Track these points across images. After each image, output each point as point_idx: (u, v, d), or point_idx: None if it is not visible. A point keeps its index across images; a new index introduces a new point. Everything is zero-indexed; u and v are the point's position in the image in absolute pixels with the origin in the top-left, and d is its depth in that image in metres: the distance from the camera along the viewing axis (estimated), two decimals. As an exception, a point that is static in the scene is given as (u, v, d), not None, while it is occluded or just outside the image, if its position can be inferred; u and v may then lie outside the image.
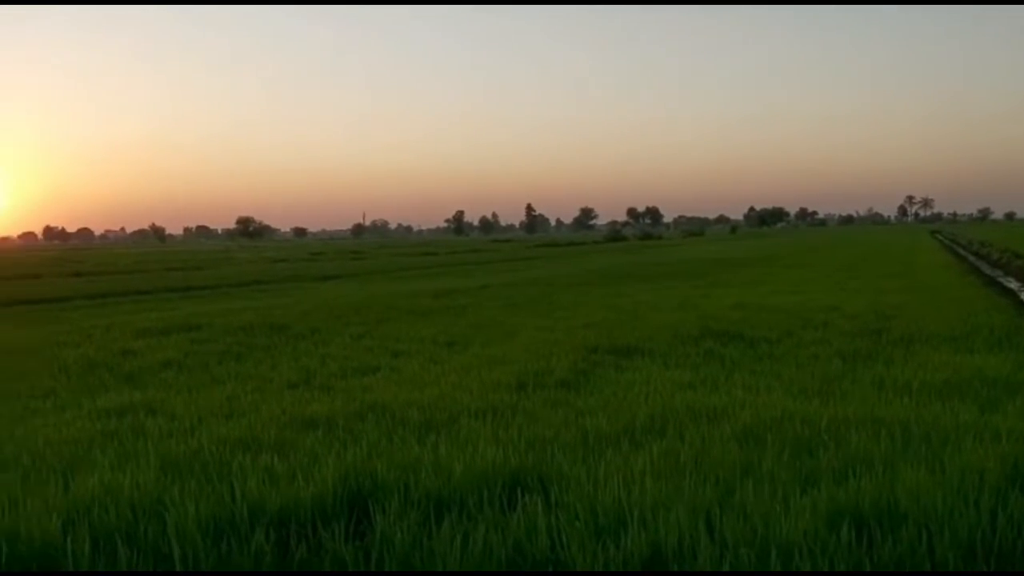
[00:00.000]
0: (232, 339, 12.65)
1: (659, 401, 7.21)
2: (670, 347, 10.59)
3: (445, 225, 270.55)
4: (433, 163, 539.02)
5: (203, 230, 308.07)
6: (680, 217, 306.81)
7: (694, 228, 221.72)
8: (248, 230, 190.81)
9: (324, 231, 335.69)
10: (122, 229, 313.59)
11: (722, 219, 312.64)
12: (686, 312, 14.97)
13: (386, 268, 43.37)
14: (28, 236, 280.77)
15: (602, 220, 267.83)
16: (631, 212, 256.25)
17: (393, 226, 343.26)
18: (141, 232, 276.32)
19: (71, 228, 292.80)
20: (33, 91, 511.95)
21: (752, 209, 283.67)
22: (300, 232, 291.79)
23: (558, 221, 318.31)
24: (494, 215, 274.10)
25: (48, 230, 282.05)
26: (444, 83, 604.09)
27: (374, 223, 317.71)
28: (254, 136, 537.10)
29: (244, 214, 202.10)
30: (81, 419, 7.24)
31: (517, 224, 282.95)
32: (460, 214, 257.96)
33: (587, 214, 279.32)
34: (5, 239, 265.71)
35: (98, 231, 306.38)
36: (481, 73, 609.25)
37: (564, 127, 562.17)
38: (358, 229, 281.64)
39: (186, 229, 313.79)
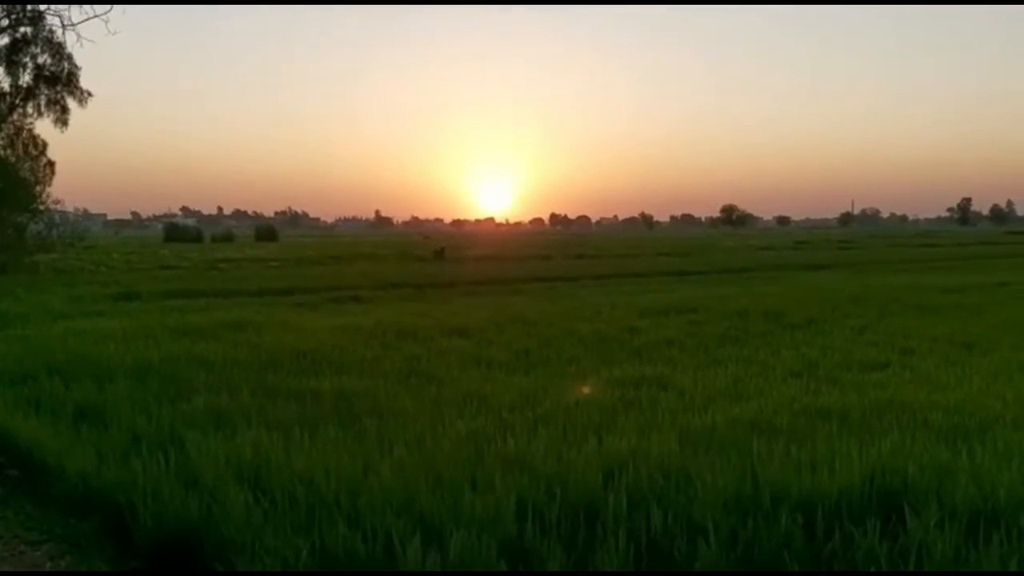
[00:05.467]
0: (728, 323, 12.87)
1: None
2: None
3: (947, 214, 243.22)
4: (933, 147, 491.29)
5: (688, 218, 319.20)
6: None
7: None
8: (731, 218, 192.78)
9: (808, 220, 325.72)
10: (615, 216, 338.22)
11: None
12: None
13: (880, 259, 40.73)
14: (536, 222, 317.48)
15: None
16: None
17: (885, 215, 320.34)
18: (631, 220, 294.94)
19: (572, 215, 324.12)
20: (534, 97, 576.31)
21: None
22: (783, 221, 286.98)
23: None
24: (1009, 203, 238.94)
25: (553, 217, 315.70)
26: (956, 53, 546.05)
27: (863, 212, 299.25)
28: (731, 121, 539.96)
29: (728, 202, 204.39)
30: (601, 386, 7.94)
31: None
32: (966, 202, 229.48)
33: None
34: (519, 224, 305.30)
35: (594, 218, 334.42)
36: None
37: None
38: (845, 218, 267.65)
39: (672, 217, 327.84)
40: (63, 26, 27.21)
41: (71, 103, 29.83)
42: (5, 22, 27.50)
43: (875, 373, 8.68)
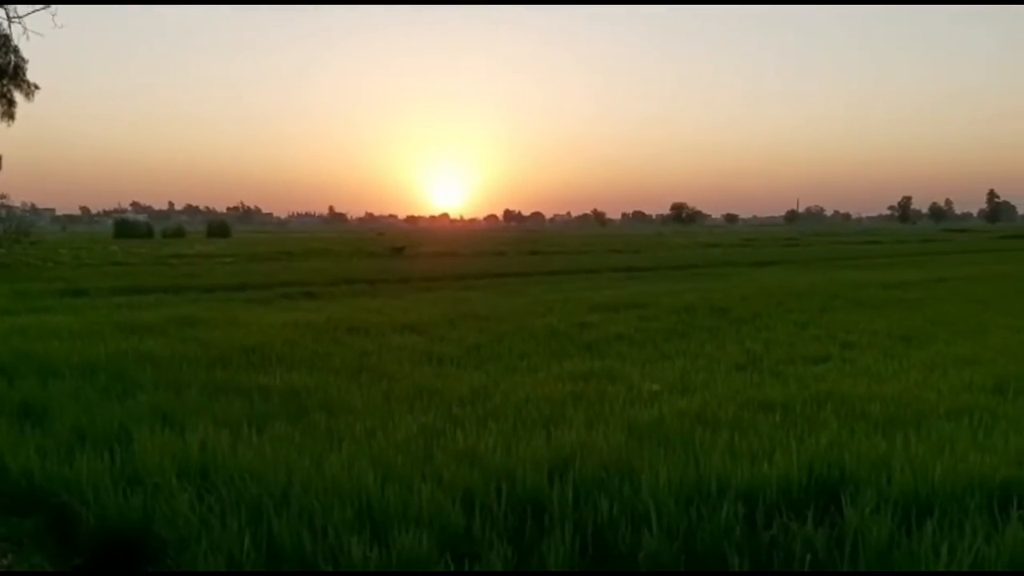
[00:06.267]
0: (677, 318, 13.05)
1: None
2: None
3: (888, 212, 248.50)
4: (875, 147, 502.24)
5: (639, 215, 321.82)
6: None
7: None
8: (681, 216, 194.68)
9: (755, 218, 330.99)
10: (568, 213, 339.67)
11: None
12: None
13: (824, 256, 41.48)
14: (491, 218, 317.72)
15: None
16: None
17: (829, 213, 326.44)
18: (584, 217, 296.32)
19: (526, 212, 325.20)
20: (490, 94, 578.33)
21: None
22: (731, 218, 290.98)
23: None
24: (947, 202, 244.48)
25: (507, 213, 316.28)
26: (898, 57, 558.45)
27: (808, 210, 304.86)
28: (679, 121, 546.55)
29: (678, 200, 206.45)
30: (552, 380, 8.01)
31: (975, 212, 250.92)
32: (907, 200, 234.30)
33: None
34: (473, 220, 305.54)
35: (548, 215, 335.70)
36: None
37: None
38: (791, 216, 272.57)
39: (624, 214, 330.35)
40: (9, 19, 26.53)
41: (18, 96, 29.24)
42: (-52, 15, 26.69)
43: (817, 366, 8.90)
